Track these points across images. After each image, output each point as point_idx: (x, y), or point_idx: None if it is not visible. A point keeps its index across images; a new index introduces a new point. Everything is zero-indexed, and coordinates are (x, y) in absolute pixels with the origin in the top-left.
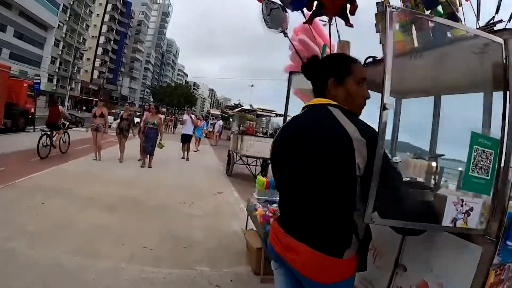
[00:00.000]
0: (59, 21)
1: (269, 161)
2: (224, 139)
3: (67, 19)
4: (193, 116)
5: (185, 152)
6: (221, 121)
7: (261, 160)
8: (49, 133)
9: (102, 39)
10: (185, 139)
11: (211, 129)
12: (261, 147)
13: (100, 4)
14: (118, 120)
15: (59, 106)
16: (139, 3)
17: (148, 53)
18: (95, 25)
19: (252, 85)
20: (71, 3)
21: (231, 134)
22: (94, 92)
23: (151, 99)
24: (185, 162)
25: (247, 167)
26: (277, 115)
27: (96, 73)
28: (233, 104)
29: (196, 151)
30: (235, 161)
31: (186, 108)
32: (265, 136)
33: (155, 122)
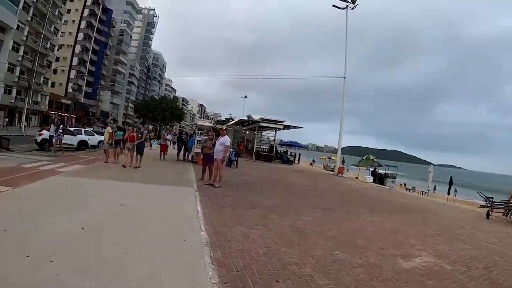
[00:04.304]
0: (19, 21)
1: None
2: (229, 168)
3: (30, 19)
4: None
5: None
6: (227, 138)
7: None
8: None
9: (78, 48)
10: None
11: (198, 151)
12: None
13: (76, 9)
14: None
15: None
16: (121, 12)
17: (132, 65)
18: (70, 32)
19: (246, 96)
20: (35, 0)
21: None
22: (69, 107)
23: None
24: None
25: None
26: (286, 126)
27: (71, 86)
28: (224, 119)
29: None
30: None
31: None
32: None
33: None
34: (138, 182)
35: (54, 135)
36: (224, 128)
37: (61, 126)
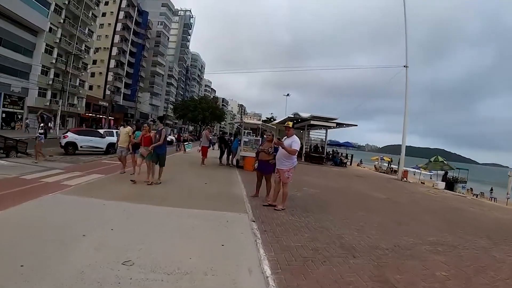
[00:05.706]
0: (51, 24)
1: None
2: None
3: (62, 21)
4: None
5: None
6: (295, 139)
7: None
8: None
9: (115, 51)
10: None
11: (245, 154)
12: None
13: (111, 12)
14: None
15: None
16: (156, 14)
17: (170, 67)
18: (106, 35)
19: (288, 94)
20: (66, 3)
21: None
22: (107, 109)
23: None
24: None
25: None
26: (338, 124)
27: (109, 88)
28: (265, 119)
29: None
30: None
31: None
32: None
33: None
34: (164, 204)
35: (38, 135)
36: (291, 126)
37: (42, 125)
